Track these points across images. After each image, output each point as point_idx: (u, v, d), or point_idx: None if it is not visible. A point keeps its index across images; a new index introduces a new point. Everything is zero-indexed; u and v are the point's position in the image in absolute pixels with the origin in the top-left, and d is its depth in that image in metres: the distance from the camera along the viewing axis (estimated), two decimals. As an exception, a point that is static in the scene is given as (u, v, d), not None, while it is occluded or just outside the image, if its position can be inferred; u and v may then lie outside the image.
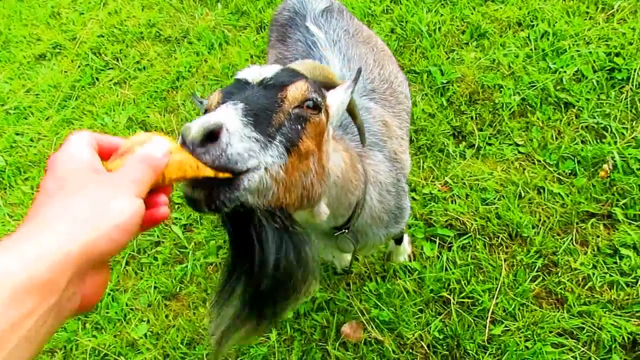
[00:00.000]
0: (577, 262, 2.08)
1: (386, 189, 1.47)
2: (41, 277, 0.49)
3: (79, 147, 0.64)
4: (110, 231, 0.56)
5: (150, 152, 0.66)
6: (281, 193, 0.86)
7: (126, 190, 0.60)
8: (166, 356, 2.23)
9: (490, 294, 2.09)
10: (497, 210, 2.29)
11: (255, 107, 0.84)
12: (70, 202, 0.56)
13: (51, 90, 3.48)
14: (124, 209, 0.58)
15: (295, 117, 0.92)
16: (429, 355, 2.02)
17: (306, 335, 2.15)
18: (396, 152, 1.61)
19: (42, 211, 0.56)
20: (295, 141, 0.89)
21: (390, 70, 1.87)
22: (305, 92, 0.95)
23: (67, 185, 0.59)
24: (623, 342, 1.89)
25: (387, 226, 1.54)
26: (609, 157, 2.27)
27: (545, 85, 2.57)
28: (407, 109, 1.88)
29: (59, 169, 0.61)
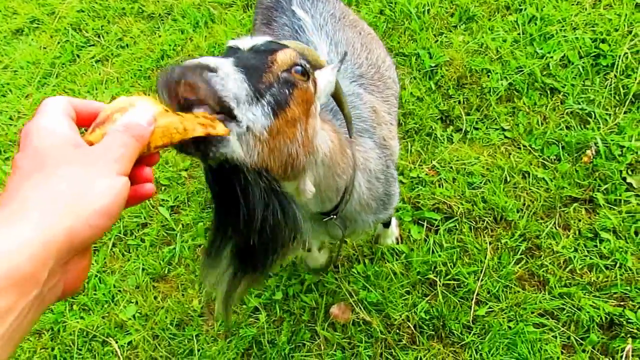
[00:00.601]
0: (559, 245, 2.14)
1: (375, 176, 1.48)
2: (22, 270, 0.47)
3: (56, 118, 0.58)
4: (91, 217, 0.52)
5: (134, 121, 0.60)
6: (266, 154, 0.86)
7: (108, 169, 0.55)
8: (155, 337, 2.24)
9: (475, 276, 2.15)
10: (483, 194, 2.33)
11: (246, 63, 0.85)
12: (49, 186, 0.52)
13: (30, 67, 3.37)
14: (106, 191, 0.54)
15: (284, 81, 0.92)
16: (415, 335, 2.07)
17: (295, 316, 2.19)
18: (385, 139, 1.61)
19: (20, 195, 0.52)
20: (282, 104, 0.89)
21: (378, 55, 1.85)
22: (294, 57, 0.95)
23: (45, 164, 0.54)
24: (601, 322, 1.97)
25: (375, 212, 1.55)
26: (592, 142, 2.32)
27: (532, 71, 2.60)
28: (396, 93, 1.88)
29: (34, 144, 0.55)
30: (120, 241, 2.55)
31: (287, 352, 2.10)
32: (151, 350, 2.22)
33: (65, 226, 0.50)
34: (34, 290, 0.48)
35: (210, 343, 2.19)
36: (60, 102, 0.61)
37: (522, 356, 1.94)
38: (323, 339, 2.12)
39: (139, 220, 2.58)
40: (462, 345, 2.02)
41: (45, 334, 2.33)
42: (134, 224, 2.58)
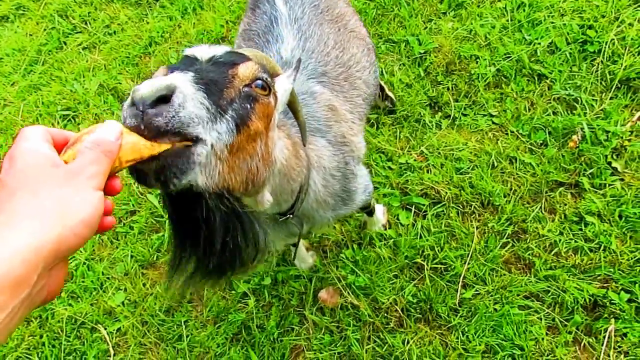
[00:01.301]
0: (545, 229, 2.16)
1: (330, 173, 1.47)
2: (14, 273, 0.52)
3: (36, 142, 0.63)
4: (76, 226, 0.58)
5: (102, 137, 0.65)
6: (226, 174, 0.84)
7: (85, 185, 0.61)
8: (144, 323, 2.25)
9: (462, 259, 2.17)
10: (470, 180, 2.35)
11: (207, 78, 0.82)
12: (36, 199, 0.57)
13: (16, 54, 3.33)
14: (87, 204, 0.60)
15: (245, 96, 0.90)
16: (402, 318, 2.09)
17: (284, 301, 2.20)
18: (344, 135, 1.59)
19: (8, 208, 0.57)
20: (245, 119, 0.87)
21: (352, 54, 1.81)
22: (256, 71, 0.94)
23: (30, 181, 0.59)
24: (585, 304, 2.00)
25: (334, 209, 1.54)
26: (578, 128, 2.34)
27: (520, 57, 2.61)
28: (364, 94, 1.83)
29: (19, 164, 0.61)
30: (108, 228, 2.54)
31: (275, 336, 2.11)
32: (140, 336, 2.23)
33: (54, 234, 0.55)
34: (24, 291, 0.54)
35: (200, 328, 2.20)
36: (39, 129, 0.66)
37: (507, 337, 1.97)
38: (311, 323, 2.14)
39: (127, 207, 2.57)
40: (449, 327, 2.04)
41: (33, 321, 2.32)
42: (123, 211, 2.57)
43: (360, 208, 2.03)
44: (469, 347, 1.98)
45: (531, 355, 1.94)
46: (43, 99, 3.05)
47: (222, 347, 2.13)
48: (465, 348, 1.99)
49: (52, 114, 2.98)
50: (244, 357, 2.09)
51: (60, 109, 3.00)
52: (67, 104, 3.01)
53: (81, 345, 2.25)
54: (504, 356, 1.94)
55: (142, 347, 2.21)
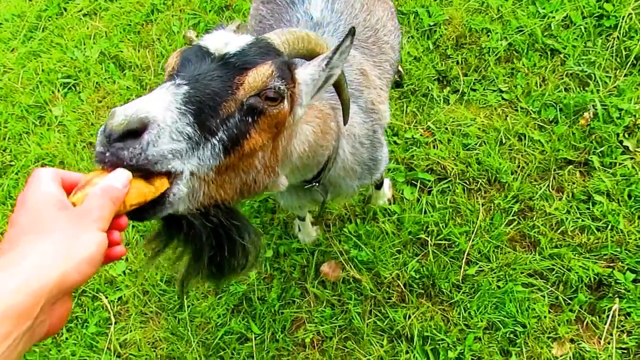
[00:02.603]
0: (552, 207, 2.13)
1: (359, 141, 1.43)
2: (19, 305, 0.55)
3: (47, 184, 0.67)
4: (80, 264, 0.61)
5: (110, 184, 0.68)
6: (213, 192, 0.82)
7: (90, 227, 0.64)
8: (145, 293, 2.24)
9: (467, 236, 2.14)
10: (477, 156, 2.30)
11: (202, 92, 0.78)
12: (44, 238, 0.61)
13: (15, 20, 3.25)
14: (91, 244, 0.63)
15: (249, 108, 0.84)
16: (405, 293, 2.08)
17: (286, 274, 2.19)
18: (374, 102, 1.54)
19: (19, 244, 0.60)
20: (238, 139, 0.82)
21: (379, 18, 1.75)
22: (267, 78, 0.85)
23: (40, 220, 0.63)
24: (589, 283, 1.98)
25: (360, 177, 1.51)
26: (590, 105, 2.28)
27: (533, 31, 2.53)
28: (391, 60, 1.77)
29: (30, 204, 0.65)
30: (109, 198, 2.52)
31: (276, 308, 2.11)
32: (141, 305, 2.22)
33: (59, 270, 0.58)
34: (27, 322, 0.56)
35: (201, 299, 2.19)
36: (49, 171, 0.70)
37: (510, 315, 1.96)
38: (313, 296, 2.13)
39: (128, 177, 2.54)
40: (451, 303, 2.03)
41: (34, 288, 2.33)
42: (124, 181, 2.54)
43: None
44: (471, 323, 1.97)
45: (533, 333, 1.93)
46: (43, 66, 2.99)
47: (223, 317, 2.13)
48: (466, 324, 1.98)
49: (52, 82, 2.93)
50: (244, 328, 2.09)
51: (61, 77, 2.94)
52: (67, 72, 2.95)
53: (82, 313, 2.25)
54: (505, 333, 1.94)
55: (143, 316, 2.21)
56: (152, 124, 0.70)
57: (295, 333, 2.08)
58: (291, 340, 2.06)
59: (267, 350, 2.05)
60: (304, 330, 2.08)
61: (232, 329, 2.10)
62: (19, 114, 2.85)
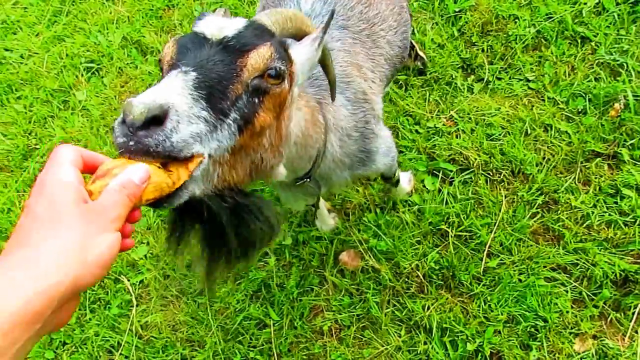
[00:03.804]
0: (578, 200, 2.08)
1: (347, 133, 1.40)
2: (33, 310, 0.55)
3: (66, 171, 0.66)
4: (94, 267, 0.62)
5: (129, 179, 0.68)
6: (226, 173, 0.83)
7: (107, 227, 0.64)
8: (166, 277, 2.28)
9: (489, 228, 2.11)
10: (501, 147, 2.26)
11: (210, 77, 0.78)
12: (60, 236, 0.61)
13: (40, 4, 3.28)
14: (106, 246, 0.63)
15: (254, 89, 0.85)
16: (424, 284, 2.06)
17: (304, 261, 2.19)
18: (365, 92, 1.51)
19: (34, 241, 0.60)
20: (250, 118, 0.84)
21: (379, 12, 1.70)
22: (268, 59, 0.87)
23: (56, 212, 0.62)
24: (615, 279, 1.93)
25: (350, 168, 1.49)
26: (621, 95, 2.20)
27: (563, 18, 2.45)
28: (387, 55, 1.73)
29: (48, 192, 0.64)
30: (131, 183, 2.55)
31: (295, 295, 2.12)
32: (162, 289, 2.26)
33: (73, 274, 0.59)
34: (38, 325, 0.57)
35: (220, 284, 2.21)
36: (70, 152, 0.69)
37: (531, 308, 1.93)
38: (331, 285, 2.13)
39: (150, 162, 2.57)
40: (471, 295, 2.01)
41: (59, 269, 2.38)
42: (146, 166, 2.56)
43: (383, 177, 1.97)
44: (491, 316, 1.95)
45: (554, 327, 1.90)
46: (67, 50, 3.02)
47: (242, 303, 2.15)
48: (486, 317, 1.96)
49: (76, 66, 2.96)
50: (263, 314, 2.11)
51: (84, 62, 2.96)
52: (90, 57, 2.98)
53: (105, 294, 2.30)
54: (526, 327, 1.91)
55: (164, 299, 2.25)
56: (171, 110, 0.71)
57: (314, 321, 2.09)
58: (309, 327, 2.08)
59: (285, 336, 2.06)
60: (322, 318, 2.09)
61: (251, 315, 2.12)
62: (43, 97, 2.89)
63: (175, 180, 0.74)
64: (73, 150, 0.70)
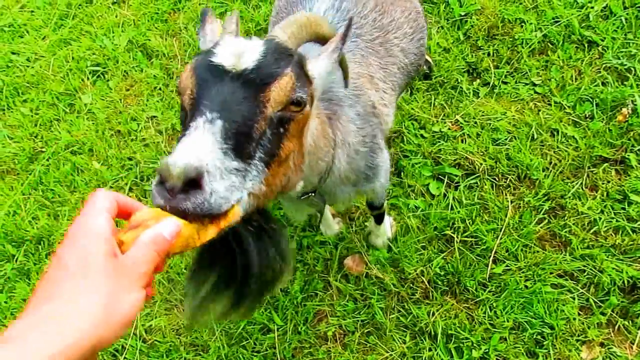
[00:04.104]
0: (585, 206, 2.06)
1: (354, 149, 1.39)
2: None
3: (101, 222, 0.67)
4: (118, 328, 0.62)
5: (160, 233, 0.69)
6: (260, 202, 0.85)
7: (134, 284, 0.65)
8: (170, 280, 2.28)
9: (494, 234, 2.09)
10: (507, 151, 2.24)
11: (235, 124, 0.79)
12: (90, 295, 0.61)
13: (46, 8, 3.30)
14: (131, 306, 0.64)
15: (278, 121, 0.86)
16: (429, 290, 2.05)
17: (309, 266, 2.18)
18: (375, 105, 1.49)
19: (65, 295, 0.60)
20: (275, 151, 0.85)
21: (394, 19, 1.67)
22: (290, 91, 0.86)
23: (87, 268, 0.62)
24: (622, 286, 1.91)
25: (355, 184, 1.48)
26: (629, 100, 2.18)
27: (569, 22, 2.43)
28: (401, 64, 1.70)
29: (80, 245, 0.65)
30: (136, 186, 2.55)
31: (299, 300, 2.11)
32: (166, 292, 2.26)
33: (97, 335, 0.59)
34: None
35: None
36: (107, 200, 0.70)
37: (537, 315, 1.91)
38: (336, 290, 2.12)
39: (155, 166, 2.57)
40: (477, 301, 2.00)
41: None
42: (150, 169, 2.57)
43: (371, 206, 1.92)
44: (497, 322, 1.94)
45: (561, 335, 1.88)
46: (73, 53, 3.03)
47: (246, 308, 2.14)
48: (492, 323, 1.94)
49: (81, 69, 2.97)
50: (267, 319, 2.10)
51: (90, 65, 2.97)
52: (96, 60, 2.99)
53: (109, 298, 2.30)
54: (532, 334, 1.89)
55: (168, 303, 2.25)
56: (206, 171, 0.72)
57: (318, 326, 2.08)
58: (313, 333, 2.07)
59: (289, 341, 2.06)
60: (326, 324, 2.08)
61: (255, 320, 2.11)
62: (49, 101, 2.90)
63: (202, 235, 0.75)
64: (109, 197, 0.71)
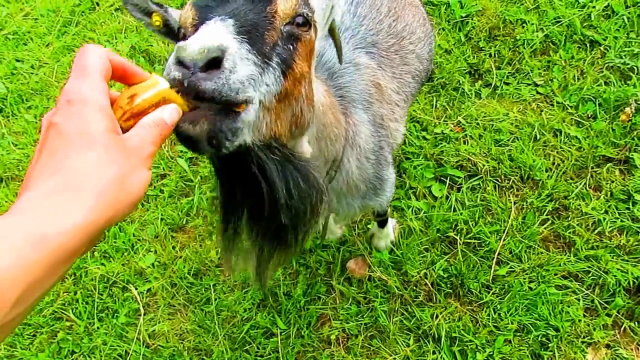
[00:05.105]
0: (589, 206, 2.05)
1: (365, 155, 1.36)
2: (72, 247, 0.53)
3: (97, 86, 0.61)
4: (127, 207, 0.59)
5: (161, 117, 0.66)
6: (273, 122, 0.81)
7: (142, 164, 0.62)
8: (173, 285, 2.28)
9: (498, 235, 2.08)
10: (510, 152, 2.23)
11: (247, 24, 0.76)
12: (101, 168, 0.57)
13: (50, 15, 3.33)
14: (140, 186, 0.60)
15: (287, 36, 0.84)
16: (432, 292, 2.04)
17: (311, 269, 2.18)
18: (383, 118, 1.46)
19: (72, 166, 0.56)
20: (290, 62, 0.83)
21: (407, 24, 1.66)
22: (296, 5, 0.86)
23: (93, 142, 0.58)
24: (628, 287, 1.90)
25: (363, 197, 1.45)
26: (632, 99, 2.17)
27: (571, 22, 2.42)
28: (415, 71, 1.68)
29: (78, 115, 0.59)
30: (139, 191, 2.56)
31: (302, 304, 2.11)
32: (169, 297, 2.26)
33: (108, 214, 0.57)
34: (72, 261, 0.55)
35: (227, 293, 2.21)
36: (100, 60, 0.63)
37: (542, 317, 1.89)
38: (338, 293, 2.12)
39: (158, 171, 2.58)
40: (480, 304, 1.98)
41: (68, 278, 2.39)
42: (153, 174, 2.57)
43: (376, 213, 1.90)
44: (501, 325, 1.92)
45: (567, 337, 1.86)
46: (76, 60, 3.05)
47: (249, 312, 2.14)
48: (496, 326, 1.93)
49: (85, 76, 2.99)
50: (270, 323, 2.10)
51: (93, 71, 2.99)
52: (99, 66, 3.01)
53: (113, 303, 2.30)
54: (537, 336, 1.88)
55: (171, 308, 2.25)
56: (228, 50, 0.68)
57: (321, 329, 2.08)
58: (316, 336, 2.06)
59: (292, 345, 2.05)
60: (329, 327, 2.07)
61: (258, 324, 2.11)
62: (53, 107, 2.92)
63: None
64: (102, 55, 0.64)
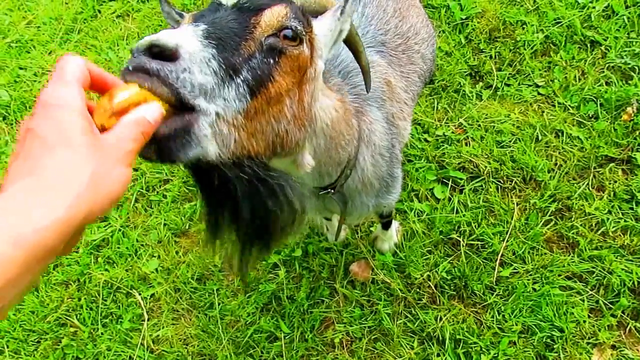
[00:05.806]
0: (592, 207, 2.04)
1: (379, 152, 1.36)
2: (49, 244, 0.53)
3: (74, 92, 0.61)
4: (105, 205, 0.59)
5: (143, 116, 0.64)
6: (244, 140, 0.77)
7: (121, 161, 0.61)
8: (177, 290, 2.28)
9: (501, 237, 2.08)
10: (512, 153, 2.23)
11: (221, 31, 0.74)
12: (76, 167, 0.57)
13: (53, 23, 3.35)
14: (119, 182, 0.60)
15: (268, 49, 0.80)
16: (436, 294, 2.03)
17: (314, 273, 2.18)
18: (394, 116, 1.47)
19: (48, 167, 0.56)
20: (264, 79, 0.78)
21: (412, 24, 1.68)
22: (283, 17, 0.82)
23: (68, 141, 0.57)
24: (632, 287, 1.89)
25: (377, 195, 1.45)
26: (634, 99, 2.17)
27: (571, 22, 2.42)
28: (420, 71, 1.70)
29: (54, 117, 0.58)
30: (142, 197, 2.57)
31: (305, 307, 2.10)
32: (173, 302, 2.26)
33: (86, 209, 0.56)
34: (51, 259, 0.55)
35: (230, 297, 2.21)
36: (78, 68, 0.63)
37: (546, 318, 1.89)
38: (342, 296, 2.11)
39: (160, 176, 2.59)
40: (484, 305, 1.98)
41: (72, 284, 2.40)
42: (156, 180, 2.58)
43: (380, 215, 1.91)
44: (505, 326, 1.91)
45: (571, 338, 1.86)
46: (79, 67, 3.07)
47: (253, 316, 2.14)
48: (500, 327, 1.92)
49: (87, 83, 3.01)
50: (274, 326, 2.10)
51: (96, 78, 3.01)
52: (102, 73, 3.03)
53: (117, 309, 2.31)
54: (542, 337, 1.87)
55: (175, 313, 2.25)
56: (182, 50, 0.66)
57: (325, 333, 2.07)
58: (320, 340, 2.06)
59: (296, 349, 2.05)
60: (333, 331, 2.07)
61: (262, 328, 2.11)
62: (56, 114, 2.94)
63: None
64: (80, 64, 0.64)
